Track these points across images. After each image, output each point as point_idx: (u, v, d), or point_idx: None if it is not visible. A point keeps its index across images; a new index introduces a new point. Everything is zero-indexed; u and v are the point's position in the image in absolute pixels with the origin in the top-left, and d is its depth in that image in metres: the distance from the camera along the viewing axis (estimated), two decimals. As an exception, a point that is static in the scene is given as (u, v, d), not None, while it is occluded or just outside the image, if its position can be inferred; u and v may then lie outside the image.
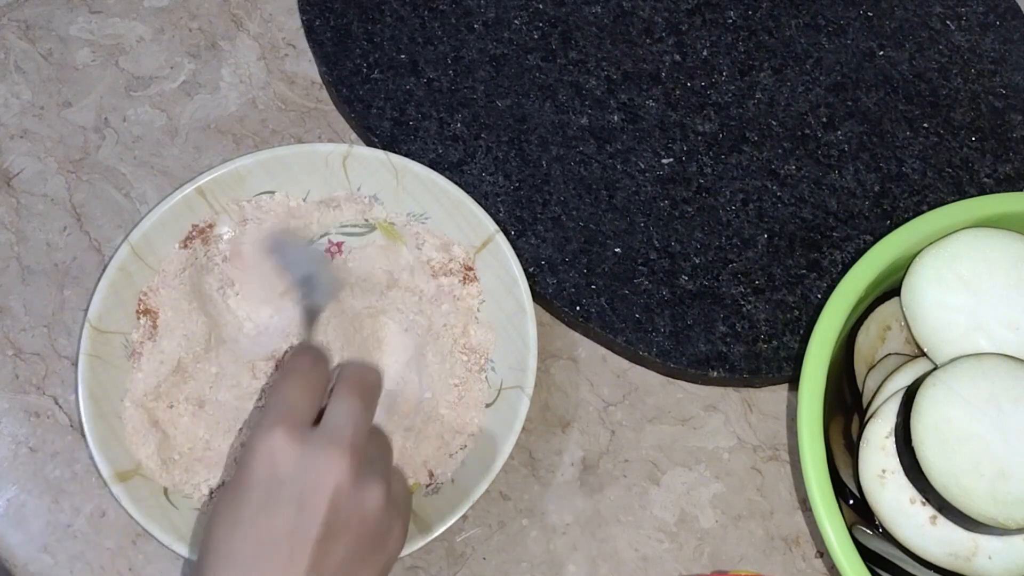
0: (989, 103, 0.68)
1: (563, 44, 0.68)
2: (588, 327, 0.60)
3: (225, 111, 0.67)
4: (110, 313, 0.56)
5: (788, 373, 0.60)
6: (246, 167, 0.59)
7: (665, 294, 0.61)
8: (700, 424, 0.60)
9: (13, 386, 0.58)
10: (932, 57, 0.69)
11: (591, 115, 0.65)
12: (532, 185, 0.63)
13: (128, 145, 0.65)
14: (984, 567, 0.52)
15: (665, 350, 0.59)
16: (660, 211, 0.63)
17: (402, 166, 0.60)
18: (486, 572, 0.55)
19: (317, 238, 0.60)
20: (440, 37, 0.67)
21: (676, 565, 0.56)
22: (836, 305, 0.55)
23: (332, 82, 0.66)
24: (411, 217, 0.61)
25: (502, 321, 0.58)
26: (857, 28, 0.70)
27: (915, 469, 0.51)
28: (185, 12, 0.70)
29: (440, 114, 0.65)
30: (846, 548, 0.50)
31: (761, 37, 0.69)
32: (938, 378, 0.53)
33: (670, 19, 0.69)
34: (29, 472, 0.56)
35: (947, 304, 0.56)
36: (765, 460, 0.59)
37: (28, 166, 0.64)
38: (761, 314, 0.60)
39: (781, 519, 0.58)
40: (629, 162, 0.64)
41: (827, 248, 0.63)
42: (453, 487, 0.54)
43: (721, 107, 0.66)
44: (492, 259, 0.59)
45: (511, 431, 0.54)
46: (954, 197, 0.64)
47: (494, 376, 0.57)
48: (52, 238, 0.62)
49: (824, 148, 0.66)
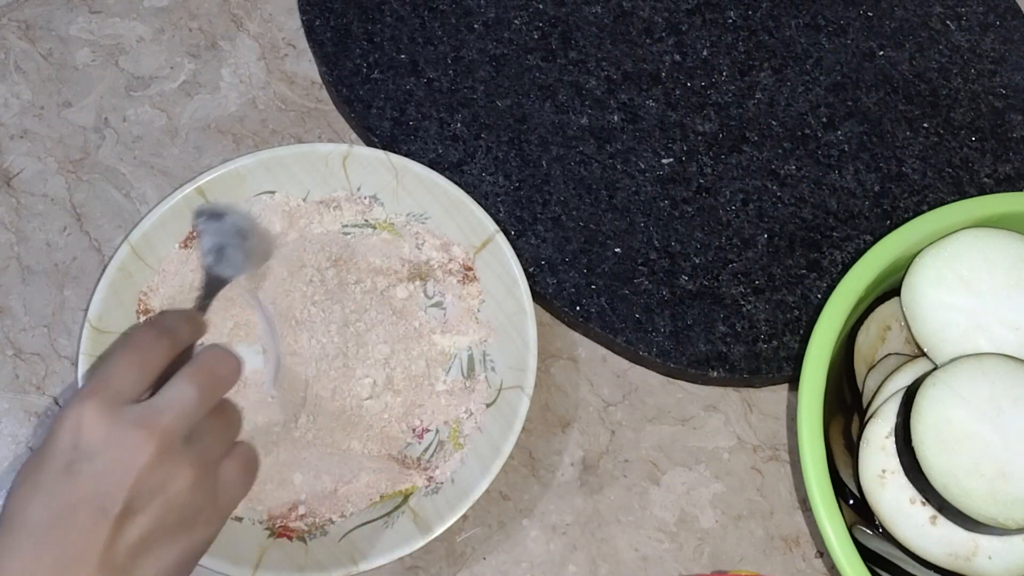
0: (989, 103, 0.68)
1: (563, 44, 0.68)
2: (588, 327, 0.60)
3: (225, 111, 0.67)
4: (110, 313, 0.56)
5: (788, 373, 0.60)
6: (246, 167, 0.59)
7: (665, 294, 0.61)
8: (700, 424, 0.60)
9: (13, 386, 0.58)
10: (932, 57, 0.69)
11: (591, 115, 0.65)
12: (532, 185, 0.63)
13: (128, 145, 0.65)
14: (984, 567, 0.52)
15: (665, 350, 0.59)
16: (660, 211, 0.63)
17: (402, 166, 0.60)
18: (486, 572, 0.55)
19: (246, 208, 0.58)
20: (440, 37, 0.67)
21: (676, 565, 0.56)
22: (836, 305, 0.55)
23: (332, 82, 0.66)
24: (411, 217, 0.61)
25: (502, 321, 0.58)
26: (857, 28, 0.70)
27: (915, 469, 0.51)
28: (185, 12, 0.70)
29: (440, 114, 0.65)
30: (846, 548, 0.50)
31: (761, 37, 0.69)
32: (938, 378, 0.53)
33: (670, 19, 0.69)
34: (29, 472, 0.56)
35: (947, 304, 0.56)
36: (765, 460, 0.59)
37: (28, 166, 0.64)
38: (761, 314, 0.60)
39: (781, 519, 0.58)
40: (629, 162, 0.64)
41: (827, 248, 0.63)
42: (453, 487, 0.54)
43: (721, 107, 0.66)
44: (492, 259, 0.59)
45: (511, 431, 0.54)
46: (954, 197, 0.64)
47: (494, 376, 0.57)
48: (52, 238, 0.62)
49: (824, 148, 0.66)
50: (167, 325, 0.45)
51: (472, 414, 0.56)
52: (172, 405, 0.41)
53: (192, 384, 0.42)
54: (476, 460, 0.54)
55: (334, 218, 0.61)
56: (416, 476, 0.55)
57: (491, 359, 0.58)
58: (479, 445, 0.55)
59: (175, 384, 0.42)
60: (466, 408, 0.57)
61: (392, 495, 0.55)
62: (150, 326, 0.44)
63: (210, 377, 0.43)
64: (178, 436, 0.41)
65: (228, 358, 0.44)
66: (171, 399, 0.42)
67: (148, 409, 0.41)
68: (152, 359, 0.43)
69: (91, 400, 0.41)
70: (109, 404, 0.41)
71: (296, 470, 0.55)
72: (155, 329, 0.44)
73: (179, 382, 0.42)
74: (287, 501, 0.54)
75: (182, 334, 0.45)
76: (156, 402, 0.41)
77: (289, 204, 0.60)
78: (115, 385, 0.42)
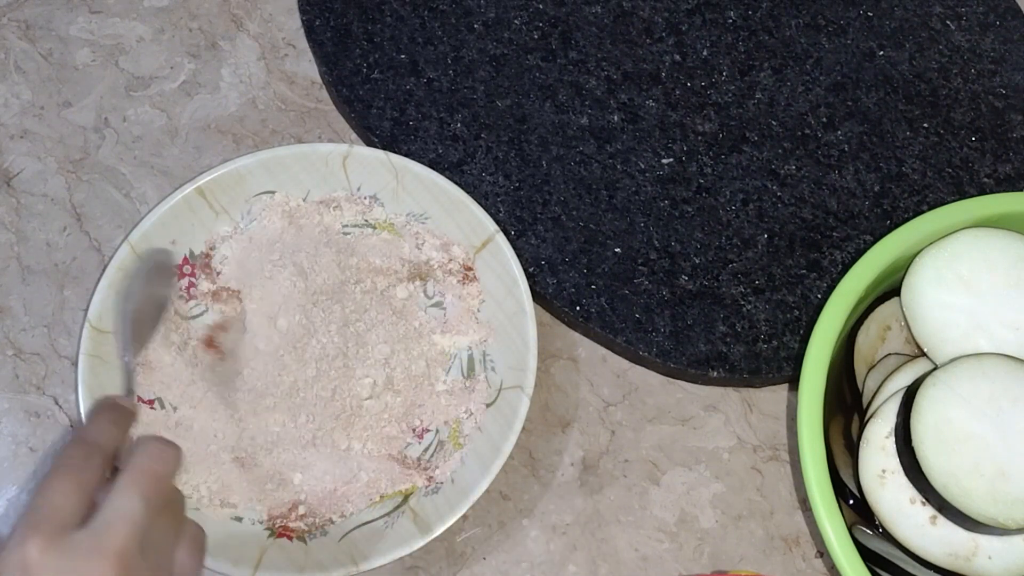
0: (989, 103, 0.68)
1: (563, 44, 0.68)
2: (588, 327, 0.60)
3: (225, 111, 0.67)
4: (110, 313, 0.56)
5: (788, 373, 0.60)
6: (246, 167, 0.59)
7: (665, 294, 0.61)
8: (700, 424, 0.60)
9: (13, 386, 0.58)
10: (932, 57, 0.69)
11: (591, 115, 0.65)
12: (532, 185, 0.63)
13: (128, 145, 0.65)
14: (984, 567, 0.52)
15: (665, 350, 0.59)
16: (660, 211, 0.63)
17: (402, 166, 0.60)
18: (486, 572, 0.55)
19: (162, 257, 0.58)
20: (440, 37, 0.67)
21: (676, 565, 0.56)
22: (836, 305, 0.55)
23: (332, 82, 0.66)
24: (411, 217, 0.61)
25: (502, 321, 0.58)
26: (857, 28, 0.70)
27: (915, 469, 0.51)
28: (185, 12, 0.70)
29: (440, 114, 0.65)
30: (846, 548, 0.50)
31: (761, 37, 0.69)
32: (938, 378, 0.53)
33: (670, 19, 0.69)
34: (29, 472, 0.56)
35: (947, 304, 0.56)
36: (765, 460, 0.59)
37: (28, 166, 0.64)
38: (761, 314, 0.60)
39: (781, 519, 0.58)
40: (629, 162, 0.64)
41: (827, 248, 0.63)
42: (453, 487, 0.54)
43: (721, 107, 0.66)
44: (492, 259, 0.59)
45: (511, 431, 0.54)
46: (954, 197, 0.64)
47: (494, 376, 0.57)
48: (52, 238, 0.62)
49: (824, 148, 0.66)
50: (94, 439, 0.42)
51: (472, 414, 0.56)
52: (121, 522, 0.39)
53: (135, 493, 0.40)
54: (476, 460, 0.54)
55: (334, 218, 0.61)
56: (416, 476, 0.55)
57: (491, 359, 0.58)
58: (479, 445, 0.55)
59: (118, 496, 0.40)
60: (466, 408, 0.57)
61: (392, 495, 0.55)
62: (78, 444, 0.42)
63: (152, 480, 0.41)
64: (133, 552, 0.39)
65: (165, 451, 0.42)
66: (118, 516, 0.39)
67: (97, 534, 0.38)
68: (87, 478, 0.40)
69: (33, 539, 0.37)
70: (54, 536, 0.38)
71: (296, 470, 0.55)
72: (84, 447, 0.42)
73: (122, 494, 0.40)
74: (287, 501, 0.54)
75: (112, 441, 0.43)
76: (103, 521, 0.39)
77: (289, 204, 0.60)
78: (56, 515, 0.39)
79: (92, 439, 0.42)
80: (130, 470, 0.41)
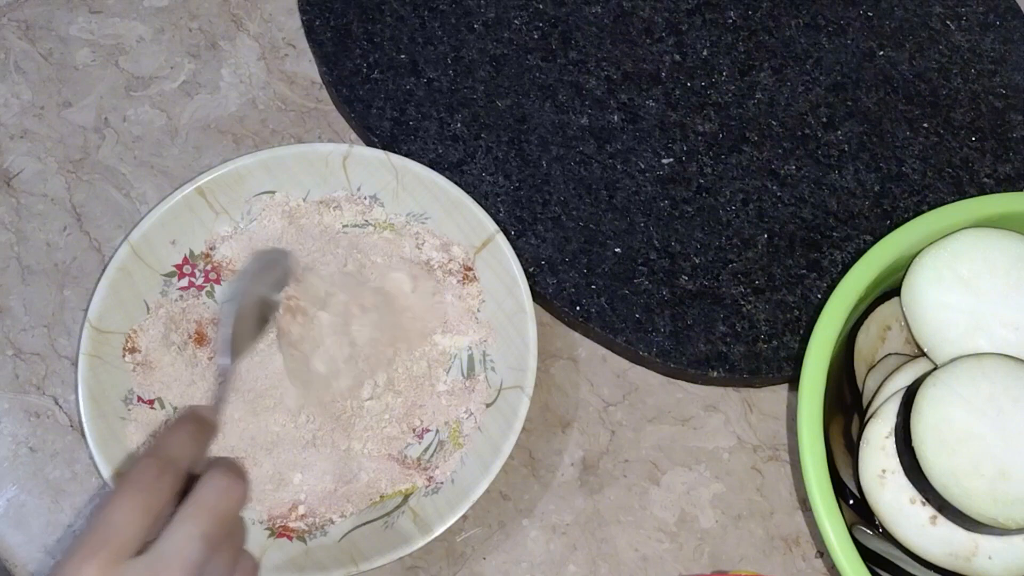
0: (989, 103, 0.68)
1: (563, 44, 0.68)
2: (588, 327, 0.60)
3: (225, 111, 0.67)
4: (110, 313, 0.56)
5: (788, 373, 0.60)
6: (246, 167, 0.59)
7: (665, 294, 0.61)
8: (700, 424, 0.60)
9: (13, 386, 0.58)
10: (932, 57, 0.69)
11: (591, 115, 0.65)
12: (532, 185, 0.63)
13: (128, 145, 0.65)
14: (984, 567, 0.51)
15: (665, 350, 0.59)
16: (660, 211, 0.63)
17: (402, 166, 0.60)
18: (486, 572, 0.55)
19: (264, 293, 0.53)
20: (440, 37, 0.67)
21: (676, 565, 0.56)
22: (836, 305, 0.55)
23: (332, 82, 0.66)
24: (411, 217, 0.61)
25: (502, 321, 0.58)
26: (857, 28, 0.70)
27: (915, 469, 0.51)
28: (185, 12, 0.70)
29: (440, 114, 0.65)
30: (846, 548, 0.50)
31: (761, 37, 0.69)
32: (938, 378, 0.53)
33: (670, 19, 0.69)
34: (29, 472, 0.56)
35: (947, 304, 0.56)
36: (765, 460, 0.59)
37: (28, 166, 0.64)
38: (761, 314, 0.60)
39: (781, 519, 0.58)
40: (629, 162, 0.64)
41: (827, 248, 0.63)
42: (453, 487, 0.54)
43: (721, 107, 0.66)
44: (492, 259, 0.59)
45: (511, 431, 0.54)
46: (954, 197, 0.64)
47: (494, 376, 0.57)
48: (52, 238, 0.62)
49: (824, 148, 0.66)
50: (170, 456, 0.40)
51: (472, 414, 0.56)
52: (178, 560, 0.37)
53: (197, 529, 0.38)
54: (476, 460, 0.54)
55: (334, 218, 0.61)
56: (416, 476, 0.55)
57: (491, 359, 0.58)
58: (479, 445, 0.55)
59: (179, 529, 0.38)
60: (466, 408, 0.57)
61: (392, 495, 0.55)
62: (152, 460, 0.39)
63: (214, 518, 0.39)
64: None
65: (232, 488, 0.40)
66: (176, 552, 0.38)
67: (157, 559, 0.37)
68: (155, 501, 0.38)
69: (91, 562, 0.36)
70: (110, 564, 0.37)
71: (296, 470, 0.55)
72: (157, 464, 0.39)
73: (183, 528, 0.38)
74: (287, 501, 0.54)
75: (188, 458, 0.40)
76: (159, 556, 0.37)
77: (289, 204, 0.60)
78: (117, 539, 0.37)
79: (166, 455, 0.40)
80: (194, 503, 0.39)
